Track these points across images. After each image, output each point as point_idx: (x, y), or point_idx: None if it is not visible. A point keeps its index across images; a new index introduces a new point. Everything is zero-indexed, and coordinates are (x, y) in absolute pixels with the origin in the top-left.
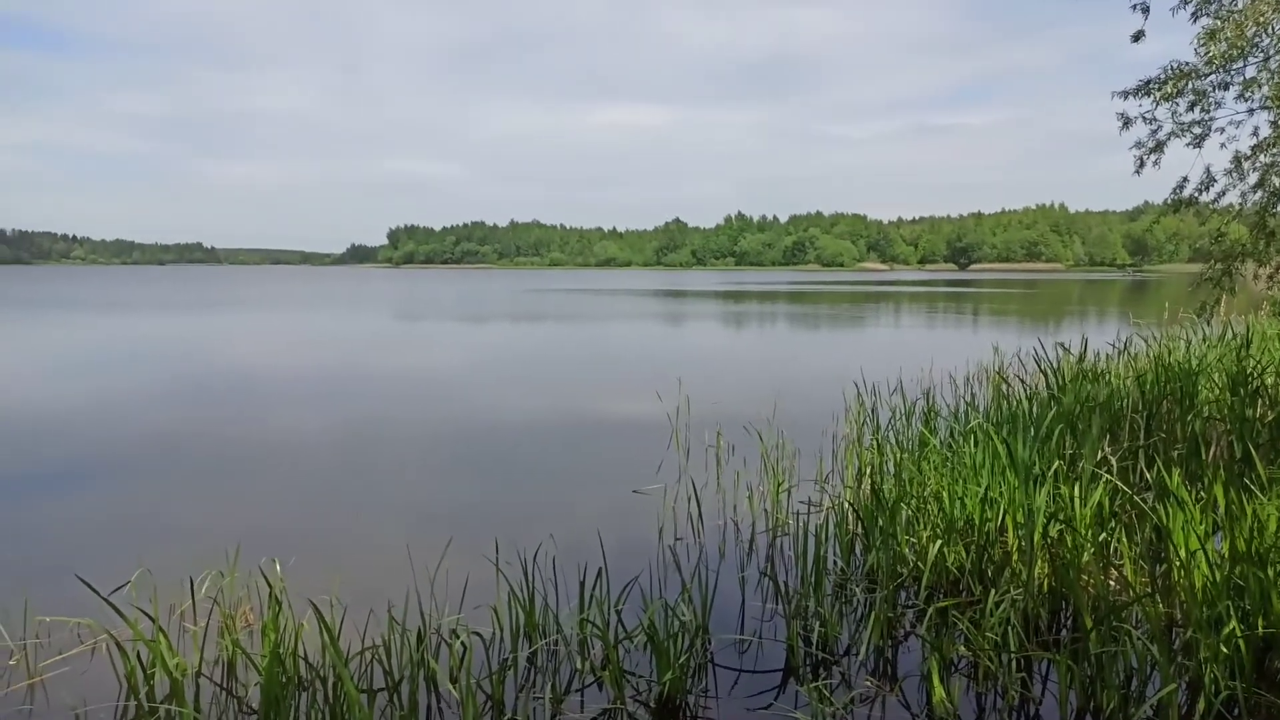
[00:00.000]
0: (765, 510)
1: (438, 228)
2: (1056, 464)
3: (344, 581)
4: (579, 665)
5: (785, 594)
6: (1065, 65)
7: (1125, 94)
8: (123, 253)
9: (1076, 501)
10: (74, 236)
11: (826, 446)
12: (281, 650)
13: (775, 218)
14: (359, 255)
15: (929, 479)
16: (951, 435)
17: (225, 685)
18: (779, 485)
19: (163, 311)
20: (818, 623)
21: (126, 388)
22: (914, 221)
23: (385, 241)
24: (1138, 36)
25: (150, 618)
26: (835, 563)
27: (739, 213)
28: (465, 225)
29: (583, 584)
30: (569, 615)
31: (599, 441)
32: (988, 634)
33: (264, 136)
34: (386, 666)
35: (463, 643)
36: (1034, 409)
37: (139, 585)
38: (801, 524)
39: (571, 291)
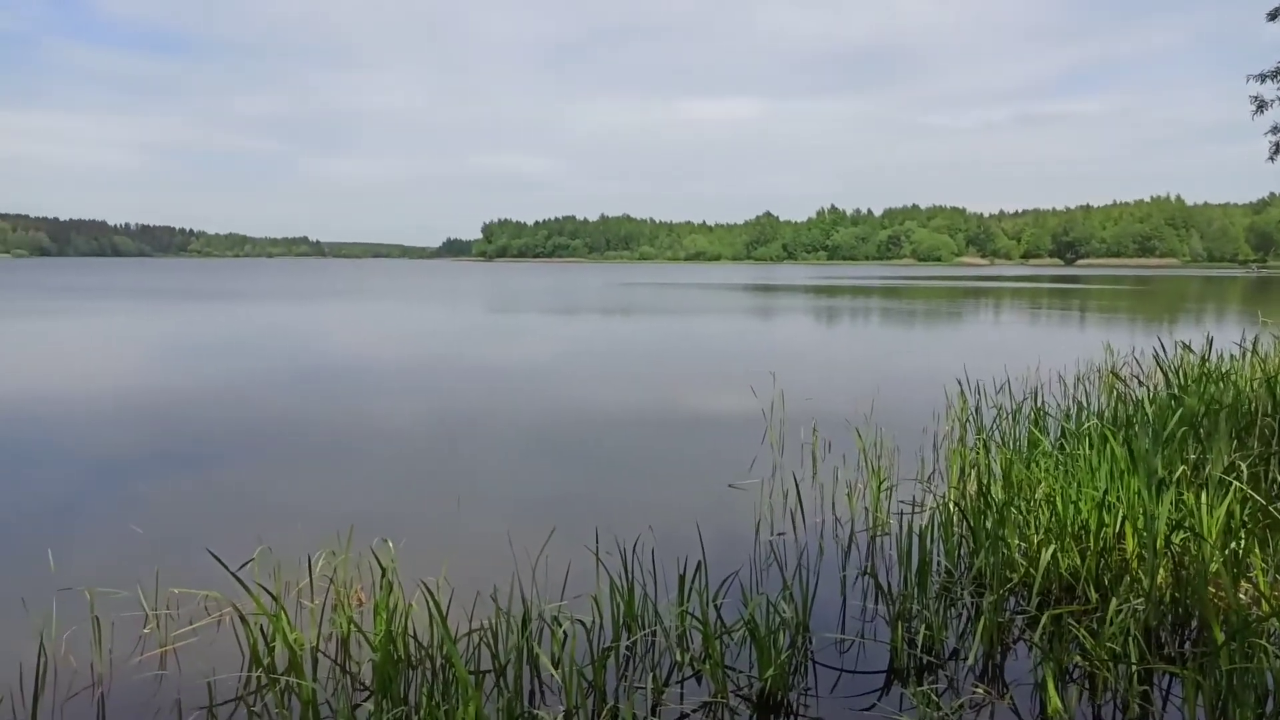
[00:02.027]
0: (865, 508)
1: (530, 222)
2: (1180, 469)
3: (450, 565)
4: (678, 657)
5: (889, 595)
6: (1185, 49)
7: (1262, 76)
8: (235, 246)
9: (1203, 508)
10: (192, 231)
11: (927, 445)
12: (393, 629)
13: (869, 211)
14: (454, 249)
15: (1040, 481)
16: (1063, 436)
17: (339, 661)
18: (880, 483)
19: (272, 301)
20: (923, 625)
21: (242, 373)
22: (1017, 214)
23: (479, 236)
24: (1275, 14)
25: (271, 594)
26: (940, 564)
27: (832, 206)
28: (556, 219)
29: (682, 576)
30: (667, 607)
31: (693, 435)
32: (1106, 644)
33: (368, 135)
34: (493, 649)
35: (565, 630)
36: (1153, 411)
37: (258, 562)
38: (904, 523)
39: (661, 285)
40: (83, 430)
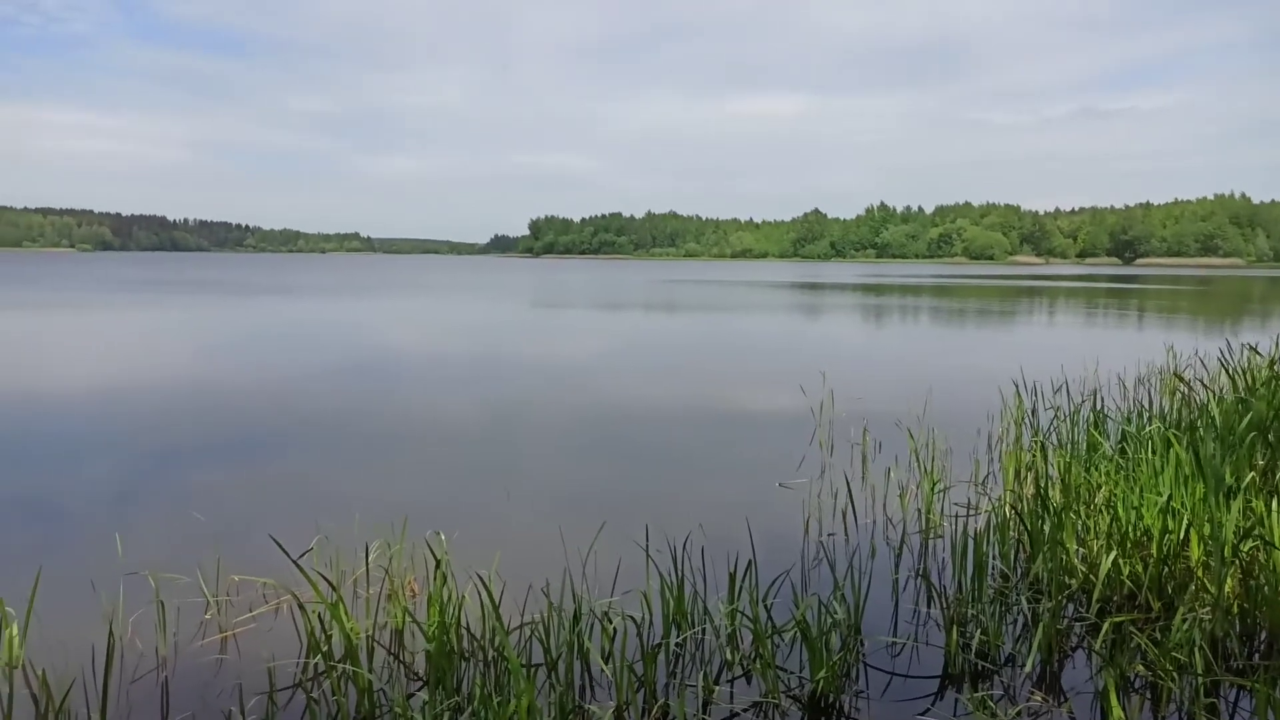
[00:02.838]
0: (918, 510)
1: (576, 219)
2: (1250, 475)
3: (500, 558)
4: (728, 656)
5: (943, 598)
6: (1249, 41)
7: None
8: (289, 241)
9: (1274, 516)
10: (247, 226)
11: (980, 447)
12: (446, 620)
13: (920, 208)
14: (501, 245)
15: (1100, 485)
16: (1124, 440)
17: (393, 650)
18: (933, 485)
19: (326, 296)
20: (979, 630)
21: (298, 365)
22: (1073, 212)
23: (526, 232)
24: None
25: (329, 582)
26: (996, 568)
27: (881, 203)
28: (603, 216)
29: (732, 575)
30: (717, 605)
31: (740, 433)
32: (1171, 654)
33: (418, 133)
34: (544, 643)
35: (615, 626)
36: (1220, 415)
37: (316, 551)
38: (958, 526)
39: (707, 282)
40: (147, 419)
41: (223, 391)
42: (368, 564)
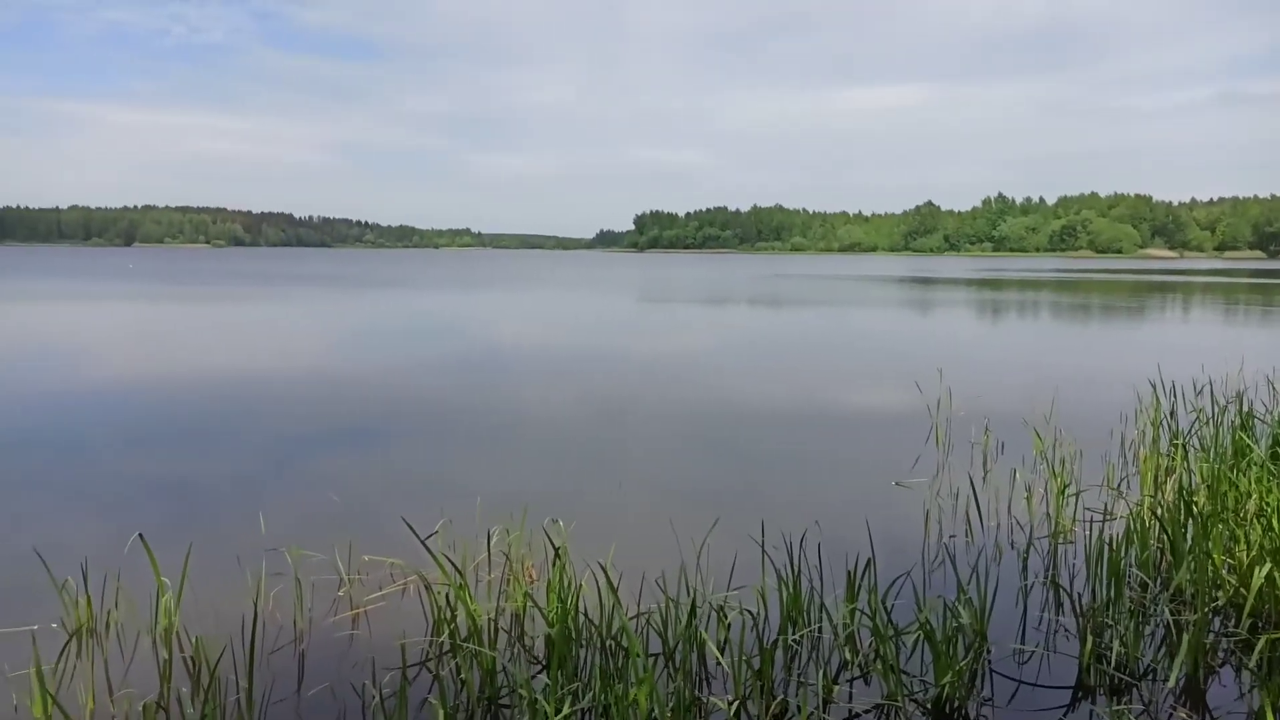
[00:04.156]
0: (1047, 513)
1: (681, 214)
2: None
3: (615, 548)
4: (847, 656)
5: (1077, 606)
6: None
7: None
8: (404, 237)
9: None
10: (365, 223)
11: (1113, 449)
12: (566, 606)
13: (1041, 199)
14: (606, 240)
15: (1250, 493)
16: (1275, 445)
17: (513, 633)
18: (1062, 487)
19: (440, 289)
20: (1116, 641)
21: (418, 356)
22: (1212, 203)
23: (631, 227)
24: None
25: (455, 565)
26: (1134, 577)
27: (999, 194)
28: (708, 211)
29: (850, 573)
30: (834, 603)
31: (852, 430)
32: None
33: (527, 130)
34: (661, 633)
35: (730, 621)
36: None
37: (440, 534)
38: (1091, 531)
39: (814, 277)
40: (282, 406)
41: (349, 380)
42: (489, 549)
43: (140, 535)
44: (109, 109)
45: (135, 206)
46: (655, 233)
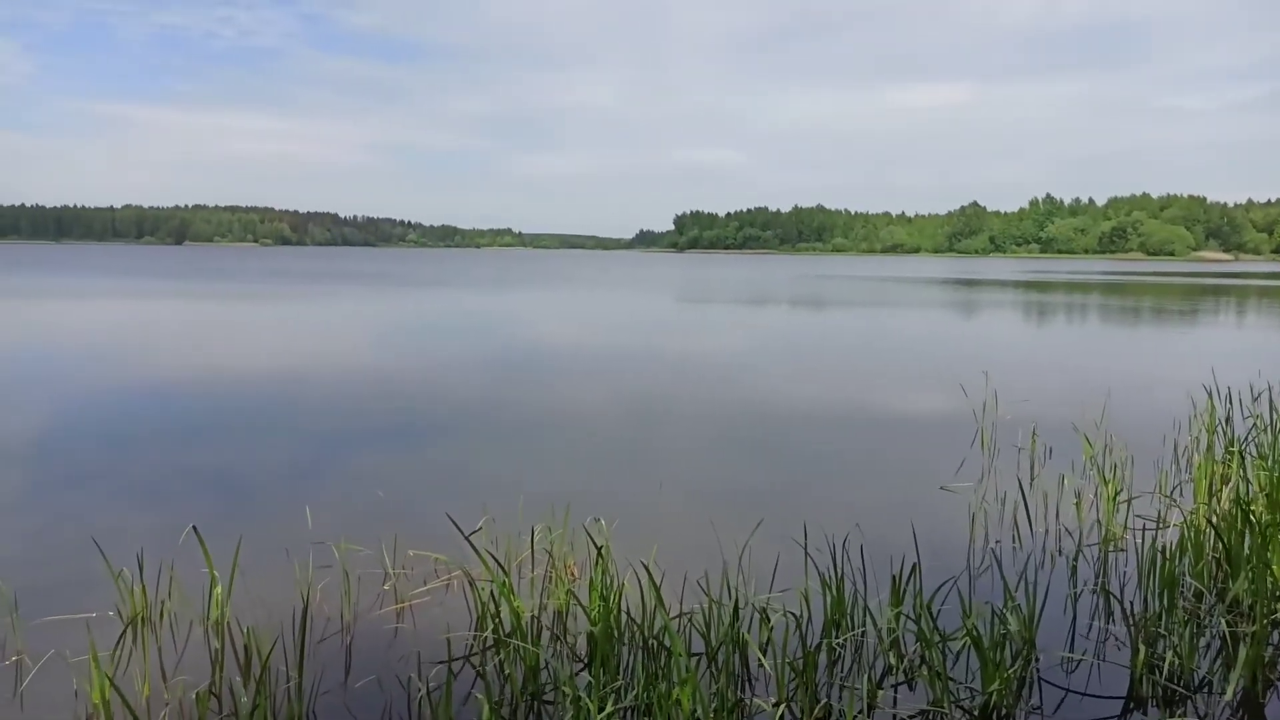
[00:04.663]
0: (1096, 520)
1: (721, 214)
2: None
3: (656, 548)
4: (891, 660)
5: (1129, 614)
6: None
7: None
8: (446, 237)
9: None
10: (408, 222)
11: (1166, 456)
12: (608, 604)
13: (1090, 200)
14: (646, 240)
15: None
16: None
17: (555, 631)
18: (1113, 494)
19: (482, 288)
20: (1170, 651)
21: (458, 353)
22: (1270, 204)
23: (671, 227)
24: None
25: (498, 561)
26: (1188, 586)
27: (1047, 195)
28: (748, 211)
29: (895, 578)
30: (878, 607)
31: (895, 433)
32: None
33: (568, 131)
34: (704, 634)
35: (772, 623)
36: None
37: (483, 531)
38: (1143, 539)
39: (855, 278)
40: (328, 402)
41: (394, 377)
42: (533, 546)
43: (194, 527)
44: (161, 111)
45: (186, 206)
46: (695, 233)
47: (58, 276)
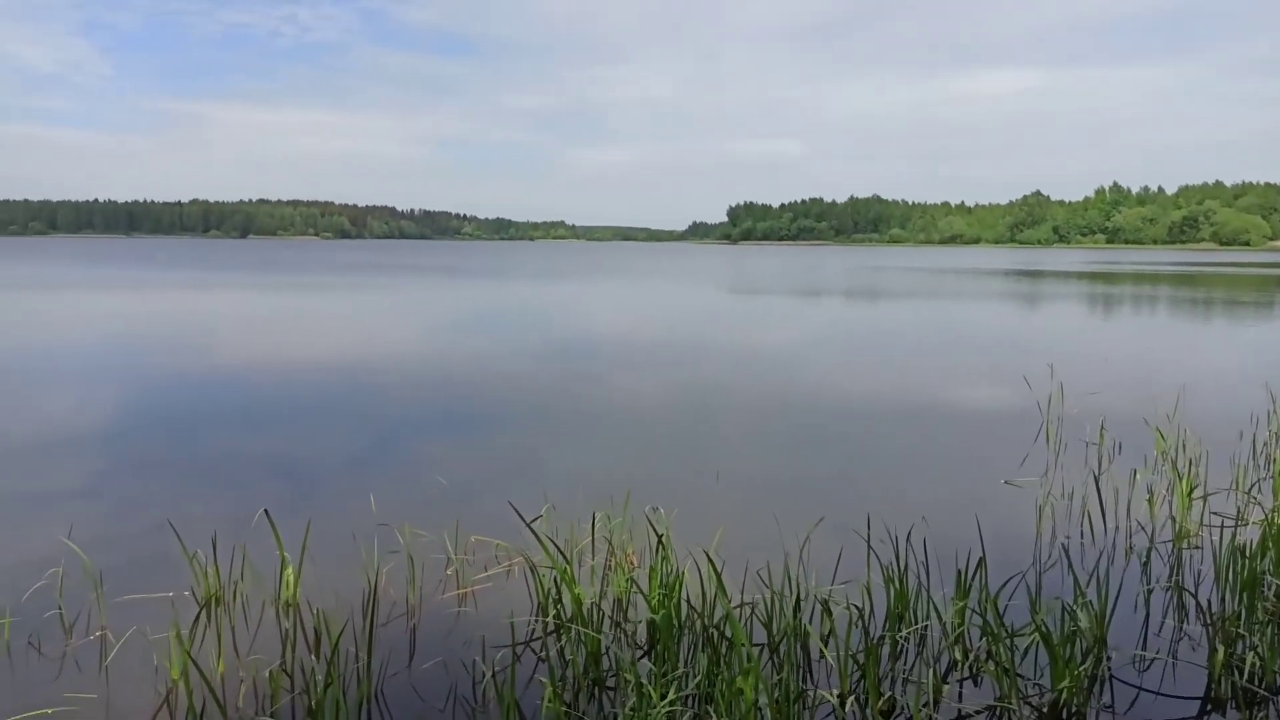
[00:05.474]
0: (1170, 517)
1: (775, 205)
2: None
3: (716, 538)
4: (956, 655)
5: (1205, 614)
6: None
7: None
8: (500, 230)
9: None
10: (464, 215)
11: (1243, 452)
12: (669, 593)
13: (1160, 189)
14: (699, 232)
15: None
16: None
17: (615, 618)
18: (1188, 490)
19: (537, 280)
20: (1250, 652)
21: (515, 343)
22: None
23: (724, 219)
24: None
25: (559, 549)
26: (1269, 585)
27: (1114, 183)
28: (802, 202)
29: (960, 572)
30: (943, 601)
31: (958, 426)
32: None
33: (622, 124)
34: (766, 624)
35: (836, 614)
36: None
37: (544, 519)
38: (1220, 536)
39: (913, 270)
40: (389, 390)
41: (453, 367)
42: (594, 534)
43: (265, 511)
44: (229, 108)
45: (250, 200)
46: (748, 224)
47: (132, 270)
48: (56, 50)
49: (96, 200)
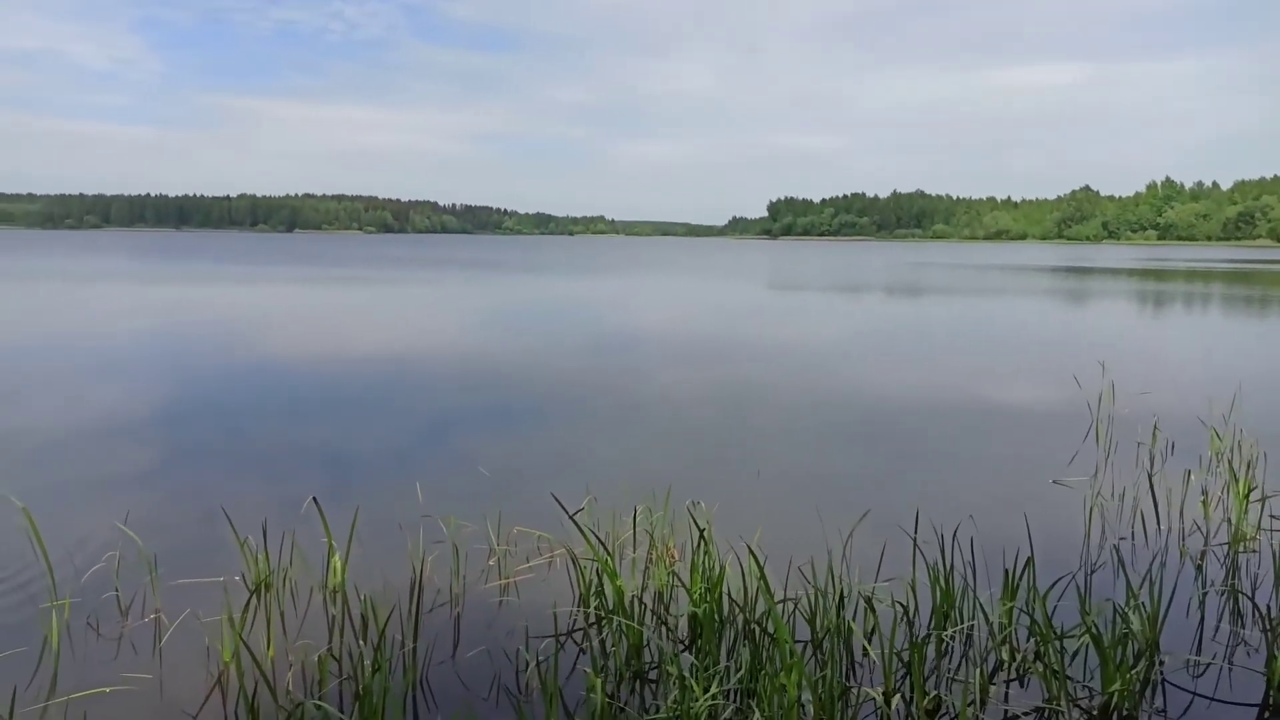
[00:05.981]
0: (1226, 519)
1: (816, 200)
2: None
3: (758, 533)
4: (1003, 656)
5: (1264, 619)
6: None
7: None
8: (541, 224)
9: None
10: (505, 210)
11: None
12: (711, 588)
13: (1215, 184)
14: (739, 227)
15: None
16: None
17: (656, 611)
18: (1246, 492)
19: (578, 274)
20: None
21: (556, 337)
22: None
23: (764, 214)
24: None
25: (601, 541)
26: None
27: (1166, 178)
28: (844, 197)
29: (1008, 572)
30: (989, 601)
31: (1005, 424)
32: None
33: (663, 118)
34: (810, 621)
35: (878, 613)
36: None
37: (586, 511)
38: (1278, 540)
39: (957, 266)
40: (433, 383)
41: (496, 360)
42: (635, 527)
43: (314, 499)
44: (276, 104)
45: (296, 195)
46: (789, 219)
47: (183, 263)
48: (111, 48)
49: (149, 195)
